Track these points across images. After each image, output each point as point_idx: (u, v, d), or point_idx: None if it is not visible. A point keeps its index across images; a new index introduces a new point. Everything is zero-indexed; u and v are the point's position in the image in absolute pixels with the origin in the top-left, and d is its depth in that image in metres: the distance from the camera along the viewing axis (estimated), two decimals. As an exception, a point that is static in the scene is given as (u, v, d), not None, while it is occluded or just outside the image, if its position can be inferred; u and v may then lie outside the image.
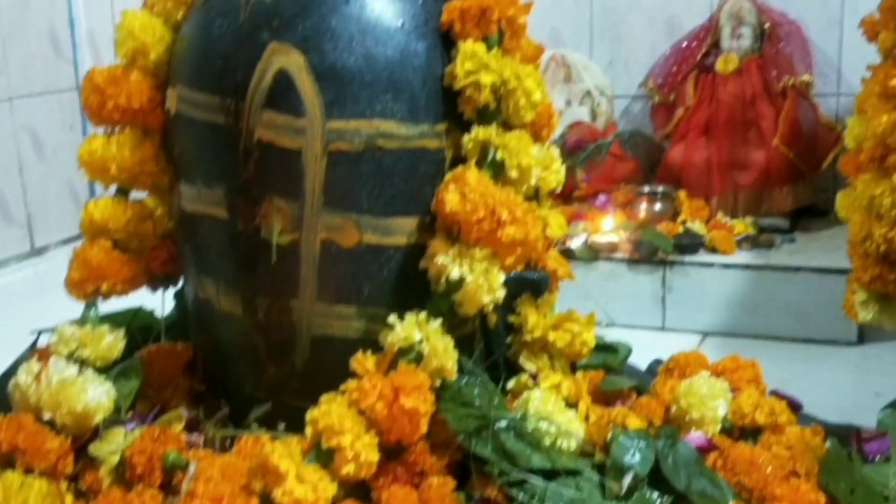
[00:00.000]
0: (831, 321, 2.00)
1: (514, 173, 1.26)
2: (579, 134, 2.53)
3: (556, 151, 1.33)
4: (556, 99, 2.54)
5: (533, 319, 1.35)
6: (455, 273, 1.21)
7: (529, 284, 1.36)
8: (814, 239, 2.34)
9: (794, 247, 2.29)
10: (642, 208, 2.41)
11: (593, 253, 2.26)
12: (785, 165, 2.37)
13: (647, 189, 2.45)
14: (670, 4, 2.58)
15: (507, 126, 1.29)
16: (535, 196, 1.33)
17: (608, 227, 2.33)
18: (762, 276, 2.14)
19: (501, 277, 1.22)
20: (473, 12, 1.26)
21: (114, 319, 1.37)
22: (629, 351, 1.49)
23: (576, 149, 2.51)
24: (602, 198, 2.47)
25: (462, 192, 1.21)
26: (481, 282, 1.20)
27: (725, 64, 2.43)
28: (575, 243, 2.27)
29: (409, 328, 1.19)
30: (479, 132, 1.26)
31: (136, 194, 1.43)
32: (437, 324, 1.20)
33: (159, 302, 1.50)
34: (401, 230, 1.28)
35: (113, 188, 1.41)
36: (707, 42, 2.48)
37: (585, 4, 2.66)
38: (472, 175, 1.23)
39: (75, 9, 2.90)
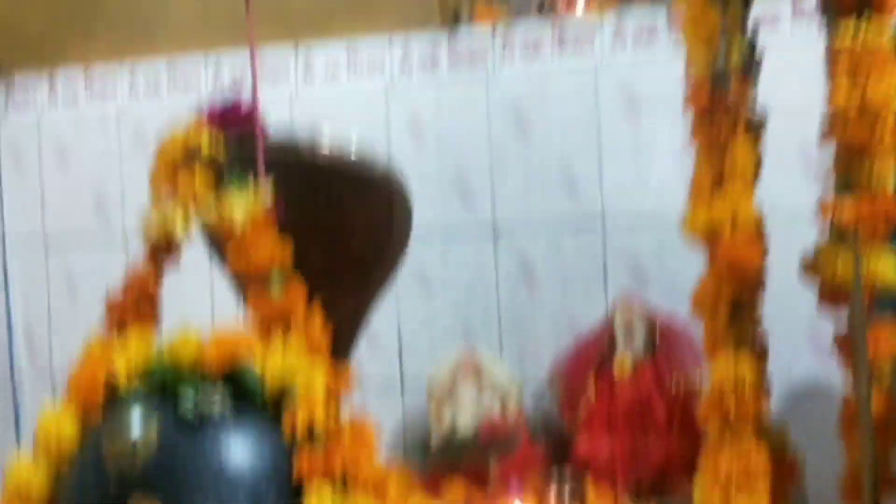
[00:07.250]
0: None
1: None
2: (491, 427, 2.66)
3: None
4: (467, 392, 2.69)
5: None
6: None
7: None
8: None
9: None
10: (552, 495, 2.54)
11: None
12: (683, 459, 2.51)
13: (556, 476, 2.57)
14: (570, 304, 2.77)
15: None
16: None
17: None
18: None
19: None
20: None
21: None
22: None
23: (488, 442, 2.64)
24: (513, 484, 2.59)
25: None
26: None
27: (622, 365, 2.60)
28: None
29: None
30: None
31: None
32: None
33: None
34: None
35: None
36: (604, 341, 2.65)
37: (493, 302, 2.85)
38: None
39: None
